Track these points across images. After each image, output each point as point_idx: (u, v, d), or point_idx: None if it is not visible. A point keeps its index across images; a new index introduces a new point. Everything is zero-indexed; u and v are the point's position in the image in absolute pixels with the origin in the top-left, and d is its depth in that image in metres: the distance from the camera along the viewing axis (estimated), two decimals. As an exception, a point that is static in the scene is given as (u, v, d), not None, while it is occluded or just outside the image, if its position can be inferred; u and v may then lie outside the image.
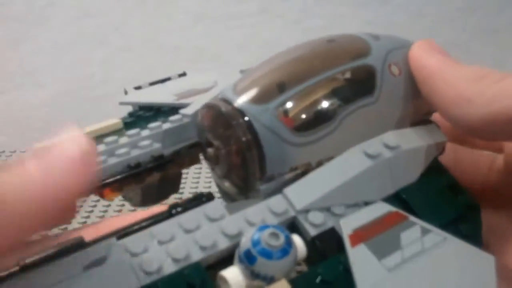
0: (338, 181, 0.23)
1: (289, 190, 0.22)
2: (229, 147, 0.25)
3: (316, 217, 0.22)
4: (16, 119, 0.72)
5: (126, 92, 0.38)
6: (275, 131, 0.24)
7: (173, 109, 0.34)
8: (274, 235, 0.19)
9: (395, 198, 0.23)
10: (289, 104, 0.25)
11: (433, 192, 0.24)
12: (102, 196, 0.32)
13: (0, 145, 0.67)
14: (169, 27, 0.72)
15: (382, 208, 0.22)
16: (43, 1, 0.71)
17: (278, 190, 0.23)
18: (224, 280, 0.19)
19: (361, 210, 0.22)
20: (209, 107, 0.27)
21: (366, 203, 0.23)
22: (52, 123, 0.72)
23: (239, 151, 0.24)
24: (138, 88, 0.38)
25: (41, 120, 0.72)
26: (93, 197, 0.48)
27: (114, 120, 0.33)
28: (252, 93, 0.26)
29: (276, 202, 0.22)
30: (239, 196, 0.26)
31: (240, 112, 0.25)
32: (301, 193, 0.22)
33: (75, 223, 0.45)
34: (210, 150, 0.27)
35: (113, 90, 0.72)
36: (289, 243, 0.19)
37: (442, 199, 0.24)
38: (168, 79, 0.40)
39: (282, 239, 0.19)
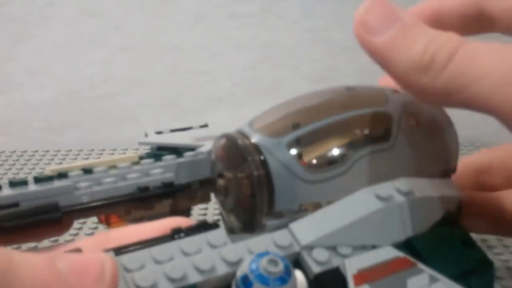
0: (346, 220, 0.22)
1: (295, 225, 0.22)
2: (240, 179, 0.25)
3: (321, 254, 0.21)
4: (16, 119, 0.72)
5: (146, 135, 0.40)
6: (287, 166, 0.24)
7: (190, 150, 0.34)
8: (273, 262, 0.19)
9: (405, 245, 0.23)
10: (303, 141, 0.26)
11: (445, 243, 0.24)
12: (108, 223, 0.32)
13: (0, 145, 0.67)
14: (169, 27, 0.72)
15: (390, 253, 0.22)
16: (43, 1, 0.70)
17: (284, 227, 0.22)
18: None
19: (368, 253, 0.22)
20: (224, 137, 0.27)
21: (374, 247, 0.22)
22: (52, 123, 0.72)
23: (250, 184, 0.24)
24: (159, 132, 0.39)
25: (41, 120, 0.72)
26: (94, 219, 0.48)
27: (131, 154, 0.34)
28: (268, 128, 0.26)
29: (281, 235, 0.22)
30: (243, 232, 0.26)
31: (255, 146, 0.25)
32: (307, 229, 0.22)
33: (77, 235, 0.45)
34: (220, 181, 0.27)
35: (113, 90, 0.72)
36: (288, 272, 0.19)
37: (454, 251, 0.24)
38: (190, 128, 0.42)
39: (281, 267, 0.19)
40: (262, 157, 0.25)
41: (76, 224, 0.46)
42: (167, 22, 0.72)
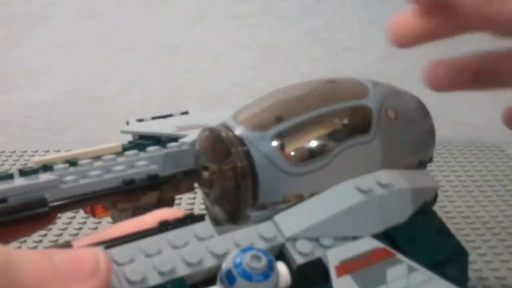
0: (329, 213, 0.23)
1: (279, 217, 0.23)
2: (225, 171, 0.26)
3: (304, 246, 0.22)
4: (16, 119, 0.72)
5: (128, 123, 0.40)
6: (271, 159, 0.25)
7: (173, 139, 0.34)
8: (256, 257, 0.19)
9: (384, 236, 0.24)
10: (286, 134, 0.26)
11: (422, 233, 0.24)
12: (93, 214, 0.32)
13: (0, 145, 0.67)
14: (169, 27, 0.72)
15: (371, 243, 0.23)
16: (43, 1, 0.70)
17: (268, 219, 0.23)
18: None
19: (349, 244, 0.23)
20: (209, 130, 0.27)
21: (355, 238, 0.23)
22: (52, 123, 0.72)
23: (234, 176, 0.25)
24: (140, 120, 0.39)
25: (41, 120, 0.72)
26: (83, 214, 0.48)
27: (113, 144, 0.33)
28: (252, 121, 0.27)
29: (265, 227, 0.22)
30: (228, 223, 0.26)
31: (239, 139, 0.26)
32: (291, 221, 0.23)
33: (67, 236, 0.45)
34: (205, 173, 0.27)
35: (113, 90, 0.72)
36: (271, 267, 0.19)
37: (431, 241, 0.25)
38: (170, 115, 0.41)
39: (263, 262, 0.19)
40: (246, 150, 0.25)
41: (65, 219, 0.47)
42: (167, 22, 0.72)
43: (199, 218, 0.22)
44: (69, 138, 0.71)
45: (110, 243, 0.20)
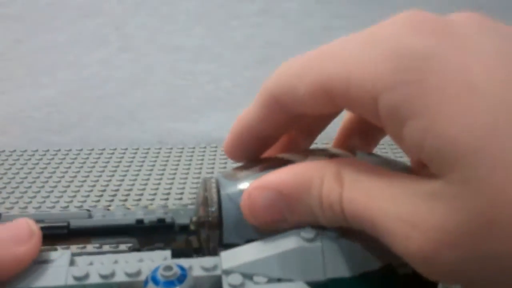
0: (265, 253, 0.24)
1: (225, 253, 0.25)
2: (204, 216, 0.28)
3: (235, 279, 0.23)
4: (16, 119, 0.72)
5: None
6: (237, 203, 0.26)
7: None
8: (169, 268, 0.22)
9: (323, 286, 0.24)
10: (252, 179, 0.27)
11: None
12: None
13: (0, 145, 0.67)
14: (170, 27, 0.72)
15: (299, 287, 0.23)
16: (44, 1, 0.71)
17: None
18: None
19: (278, 285, 0.23)
20: (203, 180, 0.29)
21: (291, 281, 0.24)
22: (52, 123, 0.72)
23: (208, 220, 0.27)
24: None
25: (42, 120, 0.72)
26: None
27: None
28: (232, 172, 0.28)
29: (209, 259, 0.24)
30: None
31: (217, 186, 0.27)
32: (232, 257, 0.24)
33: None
34: (195, 218, 0.29)
35: (114, 90, 0.72)
36: (181, 280, 0.22)
37: None
38: None
39: (173, 273, 0.22)
40: (219, 195, 0.27)
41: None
42: (168, 22, 0.72)
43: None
44: (69, 138, 0.71)
45: (78, 253, 0.25)
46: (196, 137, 0.70)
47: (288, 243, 0.24)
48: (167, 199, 0.54)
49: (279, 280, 0.24)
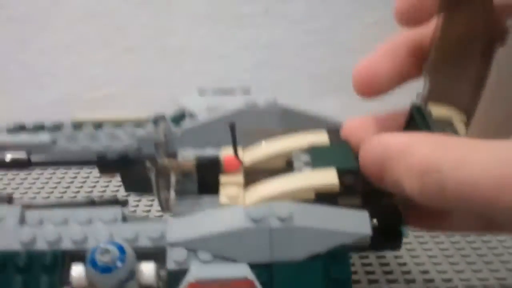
0: (213, 229, 0.24)
1: (172, 221, 0.25)
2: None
3: (180, 254, 0.23)
4: (18, 119, 0.71)
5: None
6: None
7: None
8: (106, 251, 0.22)
9: (266, 268, 0.23)
10: None
11: (309, 278, 0.23)
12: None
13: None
14: (173, 28, 0.72)
15: (241, 272, 0.23)
16: (46, 2, 0.70)
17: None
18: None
19: (220, 265, 0.23)
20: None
21: (235, 261, 0.23)
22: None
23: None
24: (202, 92, 0.40)
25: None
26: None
27: (143, 116, 0.36)
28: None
29: (156, 228, 0.24)
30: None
31: None
32: (179, 229, 0.24)
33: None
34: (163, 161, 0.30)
35: (116, 91, 0.72)
36: (115, 264, 0.22)
37: None
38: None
39: (109, 257, 0.22)
40: None
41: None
42: (171, 23, 0.71)
43: (121, 202, 0.26)
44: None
45: (29, 206, 0.25)
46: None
47: (236, 222, 0.24)
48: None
49: (224, 258, 0.23)
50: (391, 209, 0.26)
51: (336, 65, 0.70)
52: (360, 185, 0.26)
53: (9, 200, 0.29)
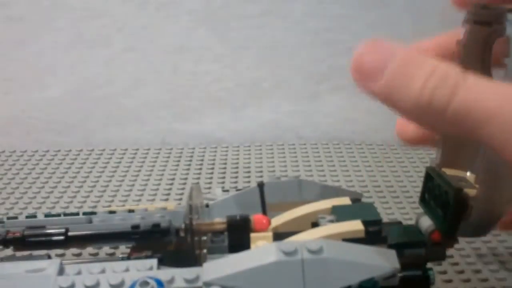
0: (246, 266, 0.24)
1: (207, 264, 0.25)
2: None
3: None
4: (17, 119, 0.72)
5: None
6: None
7: None
8: (146, 283, 0.23)
9: None
10: None
11: None
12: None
13: (1, 145, 0.67)
14: (173, 28, 0.72)
15: None
16: (47, 2, 0.70)
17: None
18: None
19: None
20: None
21: None
22: (55, 123, 0.72)
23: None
24: (225, 191, 0.39)
25: (43, 121, 0.72)
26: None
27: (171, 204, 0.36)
28: None
29: (192, 271, 0.25)
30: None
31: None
32: (214, 268, 0.25)
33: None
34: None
35: (116, 91, 0.72)
36: None
37: None
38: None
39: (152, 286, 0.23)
40: None
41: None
42: (171, 23, 0.71)
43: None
44: (72, 139, 0.71)
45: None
46: (197, 137, 0.69)
47: (267, 256, 0.24)
48: (167, 199, 0.54)
49: None
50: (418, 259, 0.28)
51: (335, 65, 0.70)
52: (384, 234, 0.27)
53: (48, 256, 0.30)
